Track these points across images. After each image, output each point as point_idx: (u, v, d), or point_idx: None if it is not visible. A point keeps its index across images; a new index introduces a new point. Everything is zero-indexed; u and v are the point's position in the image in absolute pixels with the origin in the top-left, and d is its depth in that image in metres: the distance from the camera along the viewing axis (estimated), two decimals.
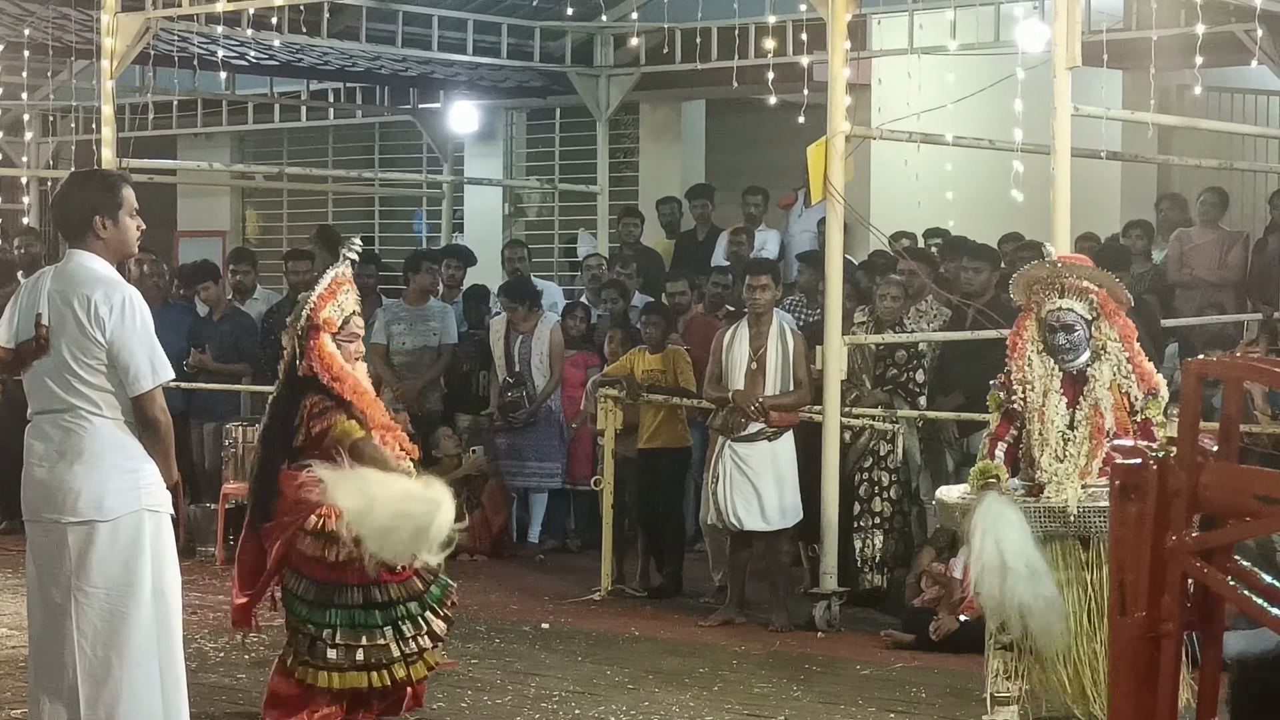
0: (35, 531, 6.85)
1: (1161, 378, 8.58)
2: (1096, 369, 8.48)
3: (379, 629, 8.51)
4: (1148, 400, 8.47)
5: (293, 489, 8.41)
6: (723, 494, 11.55)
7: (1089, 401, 8.46)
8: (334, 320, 8.61)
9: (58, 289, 6.79)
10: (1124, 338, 8.54)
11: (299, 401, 8.49)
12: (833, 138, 11.25)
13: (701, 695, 9.49)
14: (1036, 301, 8.61)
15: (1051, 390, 8.52)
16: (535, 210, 20.45)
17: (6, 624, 11.22)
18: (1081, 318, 8.52)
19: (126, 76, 15.37)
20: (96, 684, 6.68)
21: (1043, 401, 8.50)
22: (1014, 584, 8.02)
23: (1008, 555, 8.02)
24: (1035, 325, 8.59)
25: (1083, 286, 8.56)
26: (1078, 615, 8.28)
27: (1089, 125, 11.58)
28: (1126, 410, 8.46)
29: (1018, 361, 8.61)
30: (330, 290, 8.68)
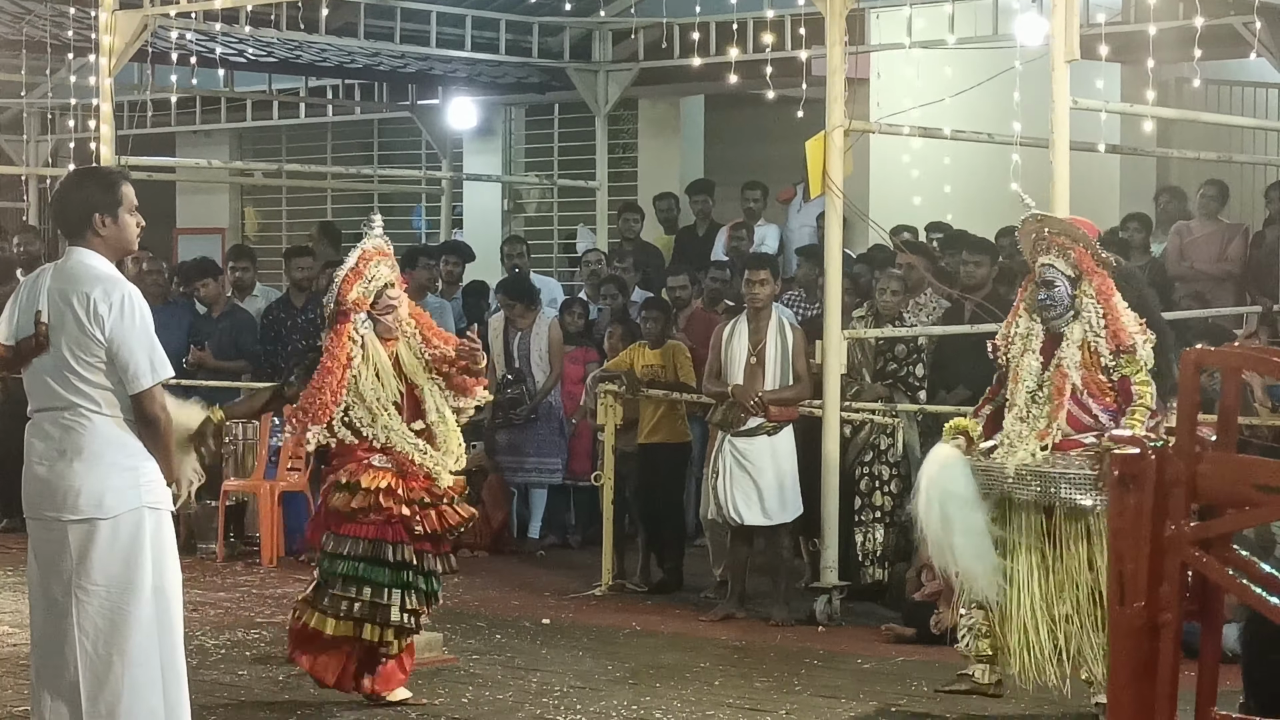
0: (36, 529, 6.85)
1: (1141, 335, 8.53)
2: (1070, 328, 8.51)
3: (384, 587, 8.69)
4: (1122, 358, 8.45)
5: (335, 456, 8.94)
6: (723, 489, 11.56)
7: (1054, 362, 8.49)
8: (364, 299, 8.69)
9: (57, 286, 6.78)
10: (1100, 293, 8.53)
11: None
12: (831, 132, 11.25)
13: (703, 690, 9.50)
14: (1032, 258, 8.69)
15: (1029, 350, 8.58)
16: (534, 206, 20.44)
17: (8, 622, 11.22)
18: (1063, 274, 8.56)
19: (125, 74, 15.38)
20: (98, 681, 6.67)
21: (1019, 361, 8.55)
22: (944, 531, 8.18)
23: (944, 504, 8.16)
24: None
25: (1062, 242, 8.60)
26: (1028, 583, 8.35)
27: (1088, 118, 11.57)
28: (1098, 369, 8.46)
29: (1008, 320, 8.70)
30: (356, 269, 8.75)
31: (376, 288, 8.82)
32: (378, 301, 8.85)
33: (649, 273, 15.57)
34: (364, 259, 8.87)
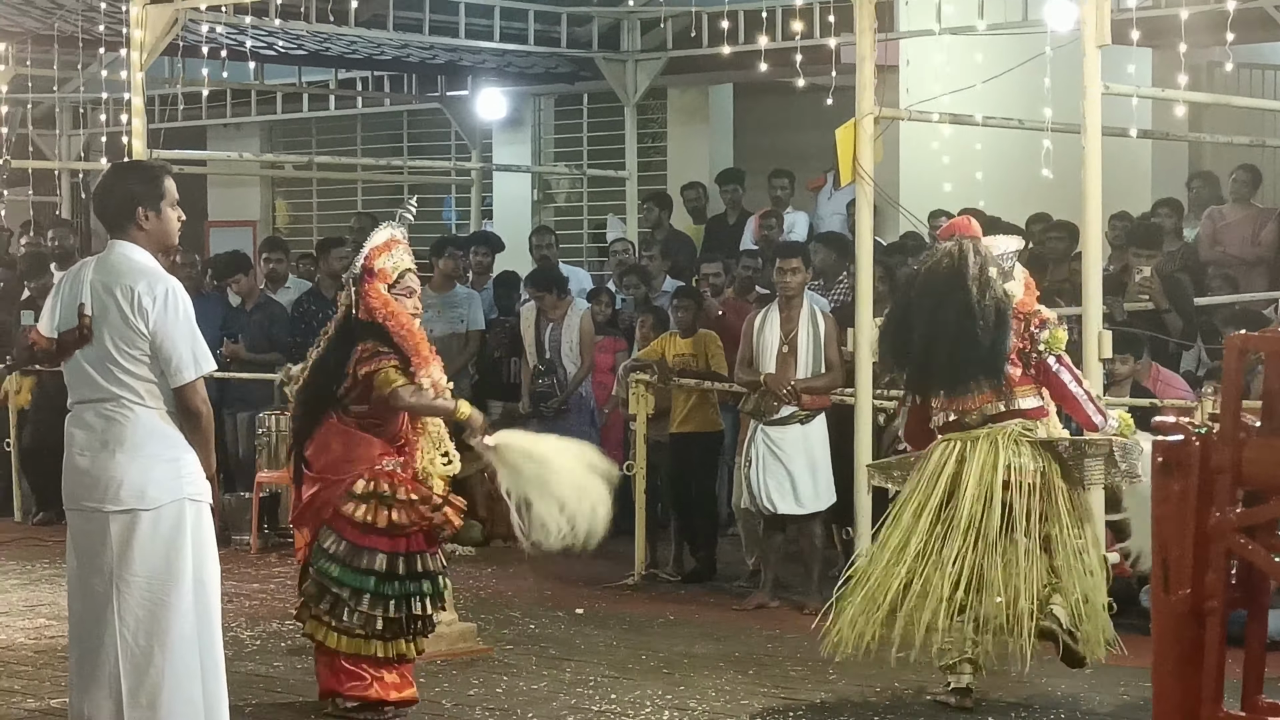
0: (76, 520, 6.88)
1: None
2: None
3: (425, 598, 8.59)
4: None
5: (343, 445, 8.48)
6: (756, 478, 11.55)
7: None
8: (389, 271, 8.61)
9: (100, 279, 6.81)
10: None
11: (350, 348, 8.50)
12: (861, 119, 11.22)
13: (737, 679, 9.51)
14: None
15: None
16: (564, 196, 20.44)
17: (45, 614, 11.27)
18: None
19: (156, 68, 15.40)
20: (139, 672, 6.70)
21: None
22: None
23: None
24: None
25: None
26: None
27: (1119, 103, 11.54)
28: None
29: None
30: (385, 244, 8.69)
31: (399, 269, 8.74)
32: (398, 282, 8.74)
33: (679, 261, 15.56)
34: (392, 240, 8.79)
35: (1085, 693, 9.15)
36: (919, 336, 8.75)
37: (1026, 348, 8.71)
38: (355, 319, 8.53)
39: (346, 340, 8.57)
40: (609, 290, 15.12)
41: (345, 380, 8.52)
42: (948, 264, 8.71)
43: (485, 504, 14.19)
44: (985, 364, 8.62)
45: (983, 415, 8.69)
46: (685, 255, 15.82)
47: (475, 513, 14.27)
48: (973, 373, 8.62)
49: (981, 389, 8.64)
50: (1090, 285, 10.46)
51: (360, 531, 8.49)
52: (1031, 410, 8.77)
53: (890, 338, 9.14)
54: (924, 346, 8.71)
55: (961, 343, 8.57)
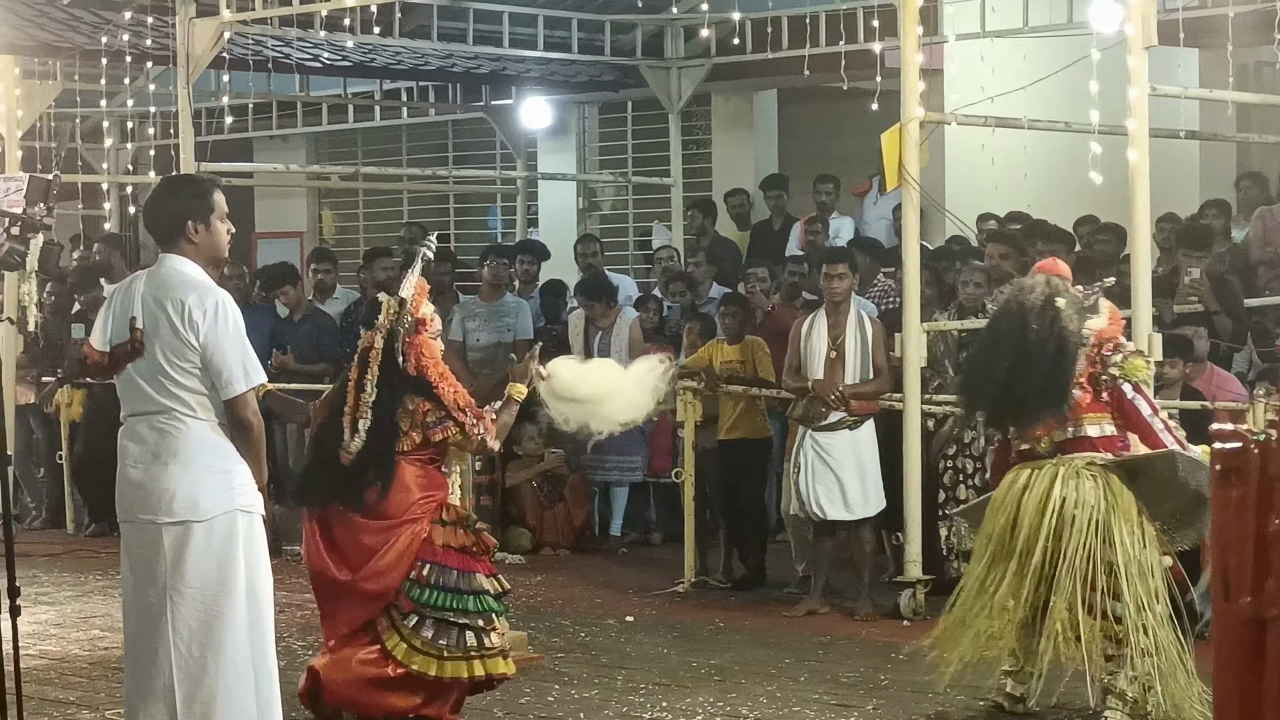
0: (130, 532, 6.91)
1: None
2: None
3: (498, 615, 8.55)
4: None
5: (417, 483, 8.39)
6: (805, 484, 11.55)
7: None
8: (428, 318, 8.58)
9: (151, 293, 6.85)
10: None
11: (399, 401, 8.36)
12: (907, 124, 11.23)
13: (788, 685, 9.50)
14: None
15: None
16: (609, 204, 20.46)
17: (99, 625, 11.33)
18: None
19: (202, 81, 15.48)
20: (193, 683, 6.74)
21: None
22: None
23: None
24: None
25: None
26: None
27: (1166, 104, 11.51)
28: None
29: None
30: (421, 289, 8.65)
31: (432, 312, 8.73)
32: (431, 325, 8.72)
33: (724, 268, 15.56)
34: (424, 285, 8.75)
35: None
36: (985, 373, 8.68)
37: (1098, 372, 8.54)
38: (403, 372, 8.43)
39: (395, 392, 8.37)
40: (656, 298, 15.13)
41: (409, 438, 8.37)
42: (1016, 299, 8.62)
43: (534, 513, 14.24)
44: (1047, 394, 8.43)
45: (1052, 443, 8.56)
46: (730, 261, 15.82)
47: (525, 521, 14.34)
48: (1035, 403, 8.45)
49: (1044, 419, 8.50)
50: (1139, 288, 10.44)
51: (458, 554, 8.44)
52: (1100, 439, 8.55)
53: (968, 374, 9.10)
54: (990, 382, 8.64)
55: (1020, 374, 8.41)
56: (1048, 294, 8.51)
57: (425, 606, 8.32)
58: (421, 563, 8.34)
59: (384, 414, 8.28)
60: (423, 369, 8.37)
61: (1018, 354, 8.46)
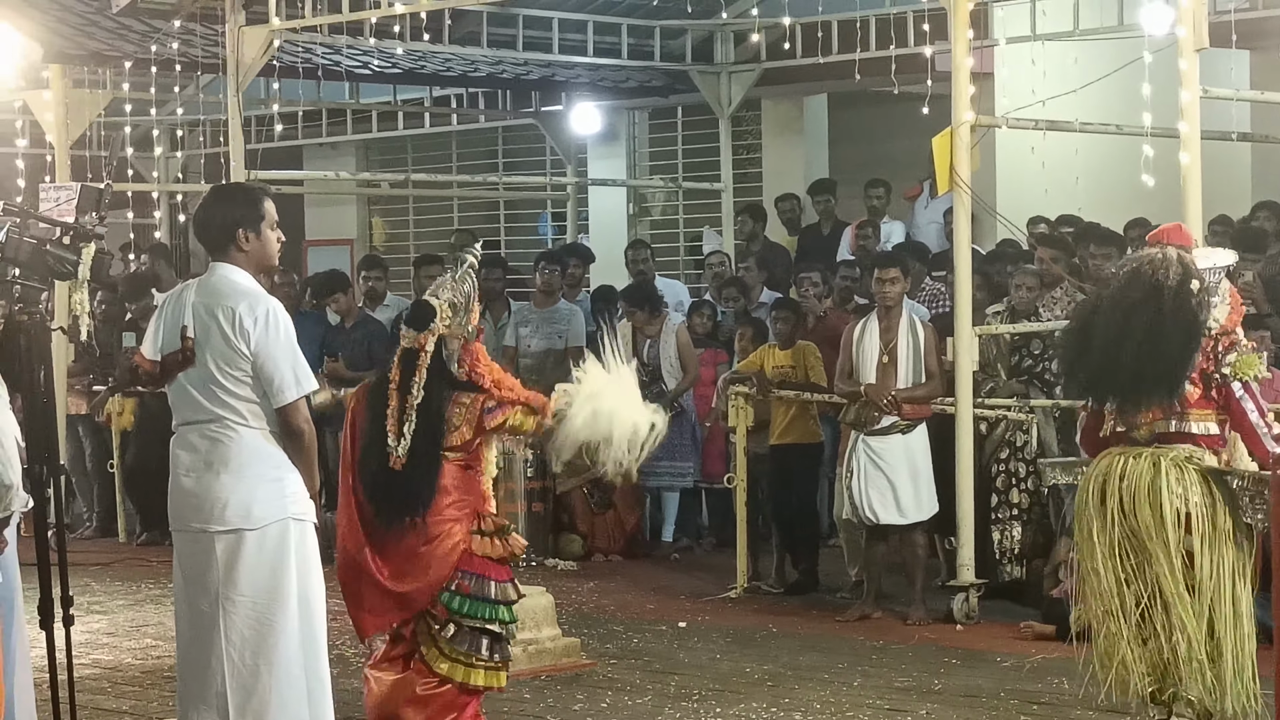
0: (182, 541, 6.93)
1: None
2: None
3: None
4: None
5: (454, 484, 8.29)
6: (858, 488, 11.53)
7: None
8: (482, 327, 8.56)
9: (202, 301, 6.87)
10: None
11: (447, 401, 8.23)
12: (957, 127, 11.20)
13: (842, 690, 9.47)
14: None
15: None
16: (659, 209, 20.44)
17: (151, 634, 11.36)
18: None
19: (252, 89, 15.54)
20: (245, 692, 6.75)
21: None
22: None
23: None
24: None
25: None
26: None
27: (1217, 106, 11.44)
28: None
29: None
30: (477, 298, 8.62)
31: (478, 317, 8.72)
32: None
33: (775, 273, 15.53)
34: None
35: None
36: (1103, 341, 8.36)
37: (1210, 369, 8.12)
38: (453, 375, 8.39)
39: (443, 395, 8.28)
40: (710, 303, 15.11)
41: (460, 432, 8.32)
42: (1149, 271, 8.19)
43: (586, 519, 14.23)
44: (1164, 381, 8.08)
45: (1151, 433, 8.17)
46: (781, 266, 15.80)
47: (576, 527, 14.33)
48: (1148, 388, 8.08)
49: (1152, 406, 8.12)
50: None
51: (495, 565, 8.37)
52: (1203, 436, 8.17)
53: (1073, 338, 8.52)
54: (1106, 352, 8.31)
55: (1144, 355, 8.03)
56: (1183, 275, 8.09)
57: (463, 616, 8.22)
58: (461, 573, 8.24)
59: (432, 415, 8.18)
60: (477, 376, 8.34)
61: (1147, 333, 8.04)
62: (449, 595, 8.18)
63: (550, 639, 10.05)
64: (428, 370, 8.22)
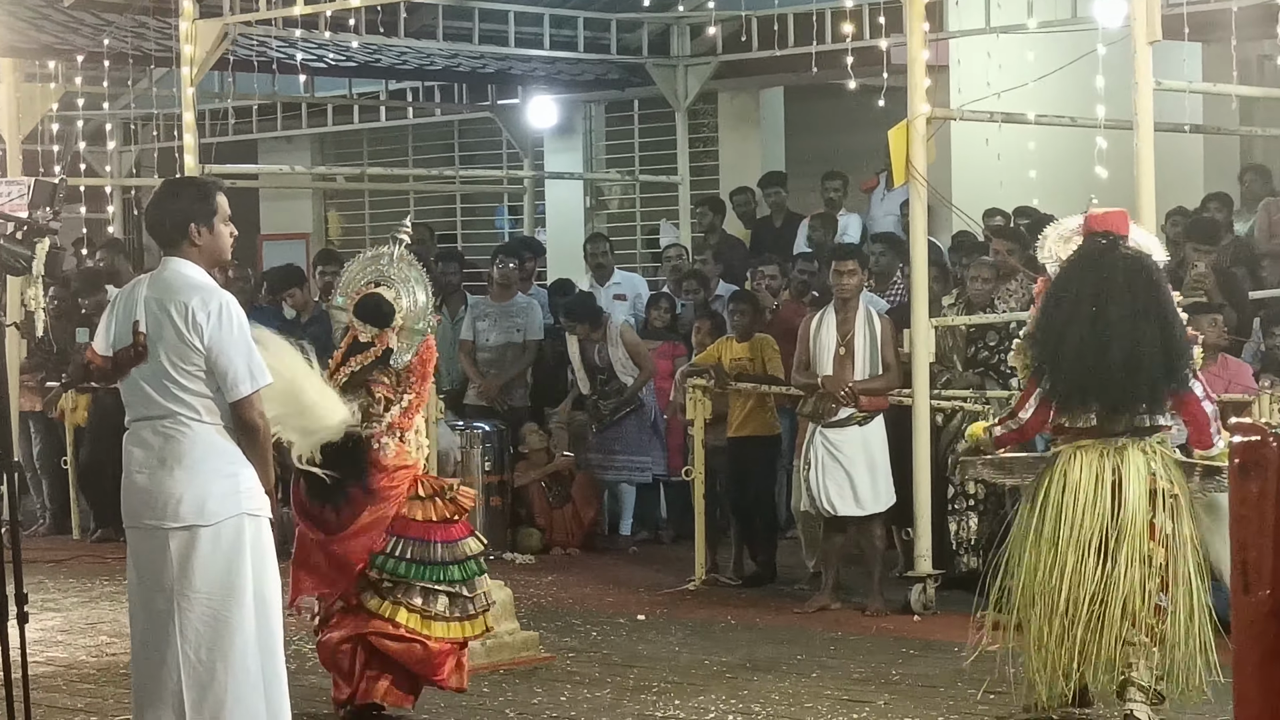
0: (136, 538, 6.89)
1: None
2: None
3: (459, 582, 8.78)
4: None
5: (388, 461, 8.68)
6: (815, 480, 11.55)
7: None
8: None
9: (154, 296, 6.83)
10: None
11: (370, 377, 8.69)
12: (913, 120, 11.22)
13: (800, 681, 9.49)
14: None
15: None
16: (617, 202, 20.44)
17: (107, 631, 11.31)
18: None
19: (206, 82, 15.48)
20: (201, 689, 6.71)
21: None
22: None
23: None
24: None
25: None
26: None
27: (1170, 98, 11.49)
28: None
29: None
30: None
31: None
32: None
33: (732, 265, 15.54)
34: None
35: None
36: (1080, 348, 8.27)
37: None
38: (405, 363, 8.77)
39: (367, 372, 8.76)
40: (668, 295, 15.10)
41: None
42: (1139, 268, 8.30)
43: (544, 513, 14.24)
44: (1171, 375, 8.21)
45: (1131, 426, 8.28)
46: (738, 259, 15.81)
47: (534, 521, 14.32)
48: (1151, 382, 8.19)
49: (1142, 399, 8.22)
50: None
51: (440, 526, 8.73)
52: (1165, 427, 8.36)
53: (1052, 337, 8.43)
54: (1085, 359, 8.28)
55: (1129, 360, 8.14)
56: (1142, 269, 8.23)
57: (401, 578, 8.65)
58: (395, 538, 8.67)
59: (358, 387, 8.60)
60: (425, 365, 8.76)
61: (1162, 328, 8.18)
62: (383, 558, 8.65)
63: (509, 633, 10.04)
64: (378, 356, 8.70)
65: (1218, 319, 11.50)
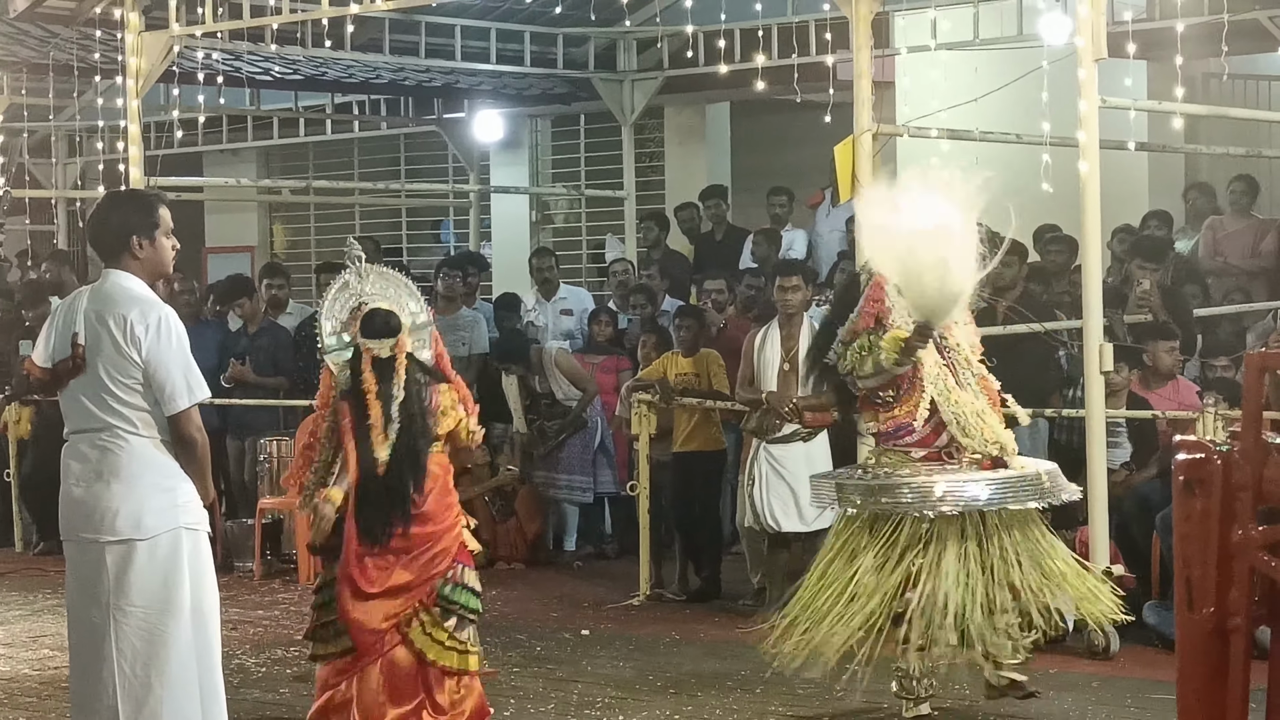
0: (73, 551, 6.85)
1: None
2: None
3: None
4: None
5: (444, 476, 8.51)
6: (759, 496, 11.56)
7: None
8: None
9: (94, 309, 6.80)
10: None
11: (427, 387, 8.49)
12: (860, 136, 11.23)
13: (744, 698, 9.49)
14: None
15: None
16: (563, 217, 20.45)
17: (49, 645, 11.24)
18: None
19: (151, 95, 15.40)
20: (136, 704, 6.67)
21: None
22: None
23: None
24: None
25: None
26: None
27: (1116, 116, 11.54)
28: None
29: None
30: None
31: None
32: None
33: (677, 279, 15.54)
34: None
35: (1092, 706, 9.13)
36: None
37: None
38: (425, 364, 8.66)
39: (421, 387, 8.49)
40: (609, 309, 15.09)
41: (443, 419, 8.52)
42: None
43: (488, 527, 14.19)
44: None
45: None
46: (682, 274, 15.80)
47: (478, 536, 14.24)
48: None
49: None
50: (1090, 298, 10.46)
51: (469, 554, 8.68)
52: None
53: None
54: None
55: None
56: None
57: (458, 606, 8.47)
58: (459, 565, 8.50)
59: (415, 411, 8.33)
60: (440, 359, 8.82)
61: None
62: (452, 587, 8.44)
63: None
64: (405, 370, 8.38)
65: (1174, 347, 11.60)
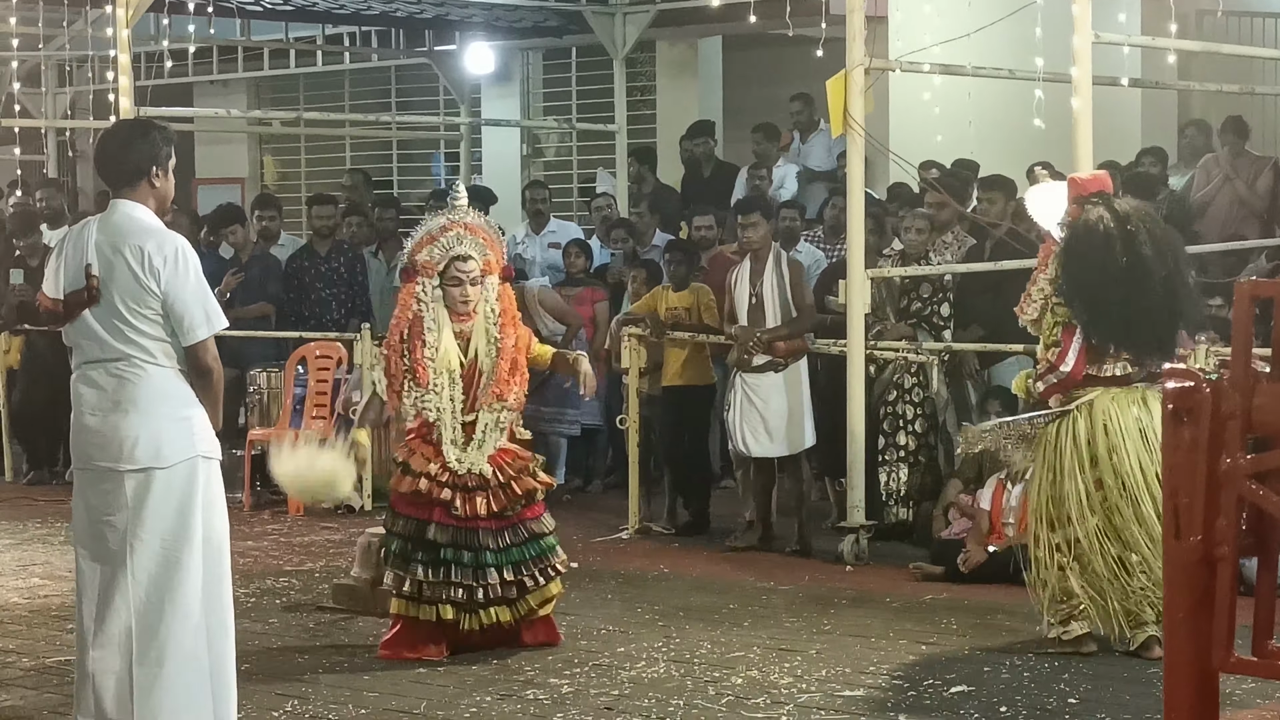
0: (86, 480, 6.86)
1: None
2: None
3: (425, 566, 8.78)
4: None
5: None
6: (732, 422, 11.74)
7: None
8: (432, 264, 8.72)
9: (106, 239, 6.79)
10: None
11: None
12: (852, 71, 11.21)
13: (732, 631, 9.51)
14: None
15: None
16: (553, 150, 20.41)
17: (38, 574, 11.27)
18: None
19: (142, 25, 15.33)
20: (149, 630, 6.69)
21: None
22: None
23: None
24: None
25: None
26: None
27: (1109, 52, 11.51)
28: None
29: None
30: (431, 234, 8.80)
31: (448, 257, 8.78)
32: (447, 271, 8.80)
33: (667, 214, 15.50)
34: (444, 229, 8.82)
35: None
36: (1136, 292, 8.49)
37: None
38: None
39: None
40: (582, 242, 14.96)
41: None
42: (1155, 223, 8.66)
43: None
44: (1189, 321, 8.82)
45: (1148, 373, 8.61)
46: (673, 208, 15.77)
47: None
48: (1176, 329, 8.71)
49: (1170, 346, 8.67)
50: None
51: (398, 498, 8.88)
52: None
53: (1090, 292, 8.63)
54: (1142, 301, 8.50)
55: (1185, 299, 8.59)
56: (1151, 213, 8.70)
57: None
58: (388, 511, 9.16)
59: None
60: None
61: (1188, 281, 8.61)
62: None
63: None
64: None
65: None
